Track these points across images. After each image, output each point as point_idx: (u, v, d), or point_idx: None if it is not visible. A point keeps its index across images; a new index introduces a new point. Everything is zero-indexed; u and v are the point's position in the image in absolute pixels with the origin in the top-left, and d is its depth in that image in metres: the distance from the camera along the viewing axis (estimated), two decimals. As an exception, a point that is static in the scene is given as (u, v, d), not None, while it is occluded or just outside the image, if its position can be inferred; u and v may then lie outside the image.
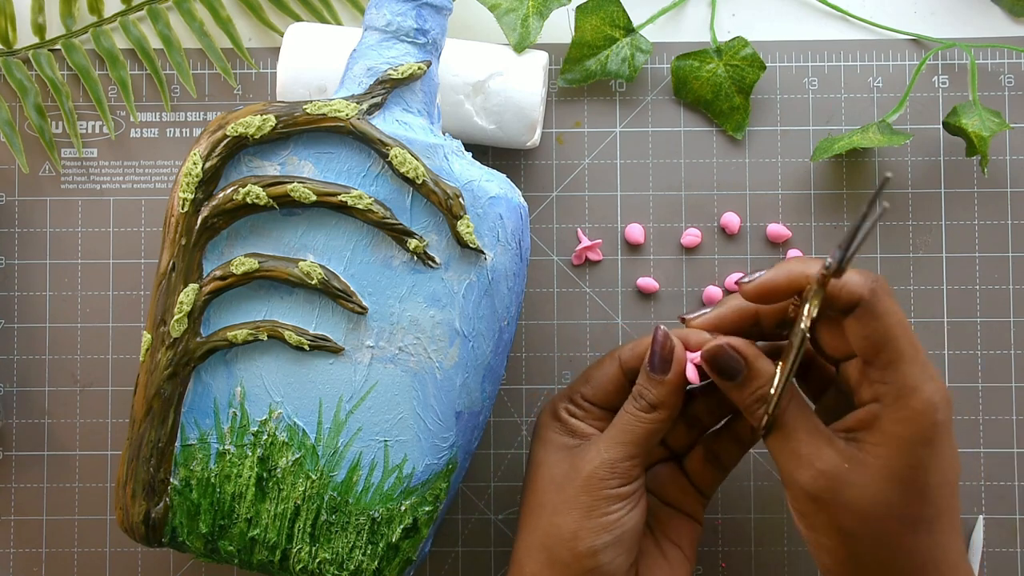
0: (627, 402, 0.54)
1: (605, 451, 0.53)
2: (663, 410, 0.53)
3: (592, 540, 0.53)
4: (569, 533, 0.53)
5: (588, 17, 0.63)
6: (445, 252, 0.54)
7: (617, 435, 0.53)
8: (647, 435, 0.53)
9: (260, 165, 0.54)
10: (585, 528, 0.53)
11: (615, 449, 0.53)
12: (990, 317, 0.64)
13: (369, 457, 0.54)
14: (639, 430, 0.53)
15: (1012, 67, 0.65)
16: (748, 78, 0.64)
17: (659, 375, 0.53)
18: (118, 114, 0.65)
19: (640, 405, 0.53)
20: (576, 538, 0.53)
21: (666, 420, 0.54)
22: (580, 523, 0.53)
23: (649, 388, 0.53)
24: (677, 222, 0.65)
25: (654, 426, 0.53)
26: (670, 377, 0.53)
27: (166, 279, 0.54)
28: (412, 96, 0.55)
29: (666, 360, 0.53)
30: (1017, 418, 0.64)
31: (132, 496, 0.55)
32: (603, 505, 0.53)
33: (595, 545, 0.53)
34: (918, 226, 0.65)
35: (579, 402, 0.56)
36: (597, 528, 0.53)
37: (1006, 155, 0.65)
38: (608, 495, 0.53)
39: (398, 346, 0.54)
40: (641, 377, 0.54)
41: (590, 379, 0.56)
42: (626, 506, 0.53)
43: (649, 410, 0.53)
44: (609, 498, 0.53)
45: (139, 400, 0.55)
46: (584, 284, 0.65)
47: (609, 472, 0.53)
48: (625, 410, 0.54)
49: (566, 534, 0.53)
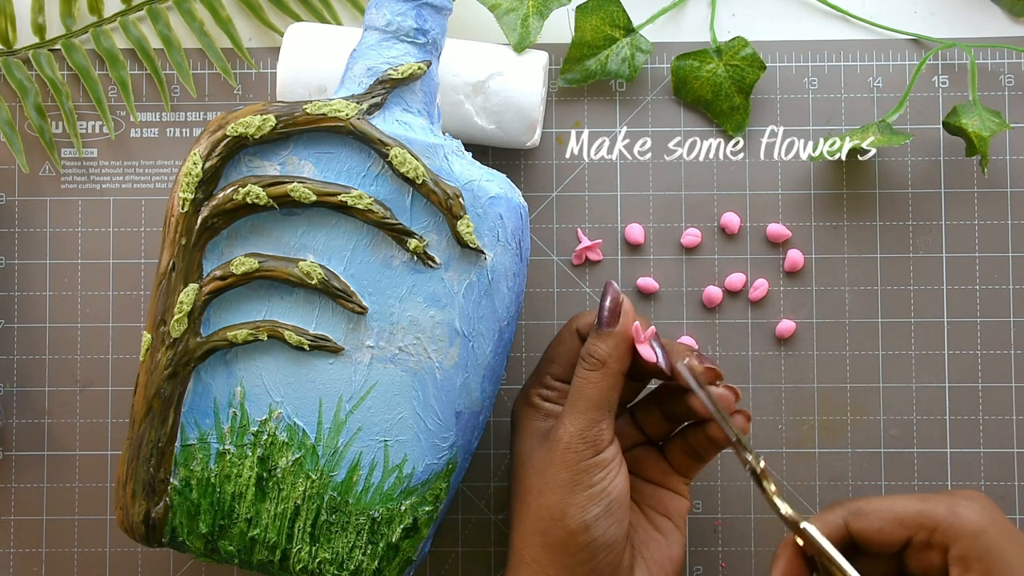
0: (577, 367, 0.54)
1: (570, 423, 0.53)
2: (613, 363, 0.53)
3: (582, 515, 0.52)
4: (558, 512, 0.53)
5: (588, 17, 0.63)
6: (445, 252, 0.54)
7: (575, 403, 0.53)
8: (602, 394, 0.53)
9: (260, 165, 0.54)
10: (572, 504, 0.53)
11: (578, 419, 0.53)
12: (990, 317, 0.64)
13: (369, 457, 0.54)
14: (593, 391, 0.53)
15: (1012, 67, 0.65)
16: (748, 78, 0.64)
17: (606, 328, 0.53)
18: (118, 114, 0.65)
19: (590, 364, 0.53)
20: (565, 515, 0.53)
21: (617, 374, 0.54)
22: (566, 500, 0.53)
23: (597, 344, 0.53)
24: (677, 222, 0.65)
25: (607, 382, 0.53)
26: (617, 329, 0.53)
27: (166, 279, 0.54)
28: (412, 96, 0.55)
29: (615, 314, 0.53)
30: (1017, 418, 0.64)
31: (132, 496, 0.55)
32: (584, 478, 0.53)
33: (585, 519, 0.52)
34: (918, 226, 0.65)
35: (550, 384, 0.56)
36: (583, 501, 0.53)
37: (1006, 155, 0.65)
38: (585, 466, 0.53)
39: (398, 346, 0.54)
40: (590, 338, 0.54)
41: (555, 358, 0.56)
42: (607, 474, 0.53)
43: (598, 366, 0.53)
44: (587, 469, 0.53)
45: (139, 400, 0.55)
46: (584, 284, 0.65)
47: (581, 442, 0.53)
48: (577, 376, 0.54)
49: (556, 513, 0.53)
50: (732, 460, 0.64)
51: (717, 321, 0.64)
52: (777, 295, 0.64)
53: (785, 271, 0.64)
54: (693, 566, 0.64)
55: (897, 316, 0.64)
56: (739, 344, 0.64)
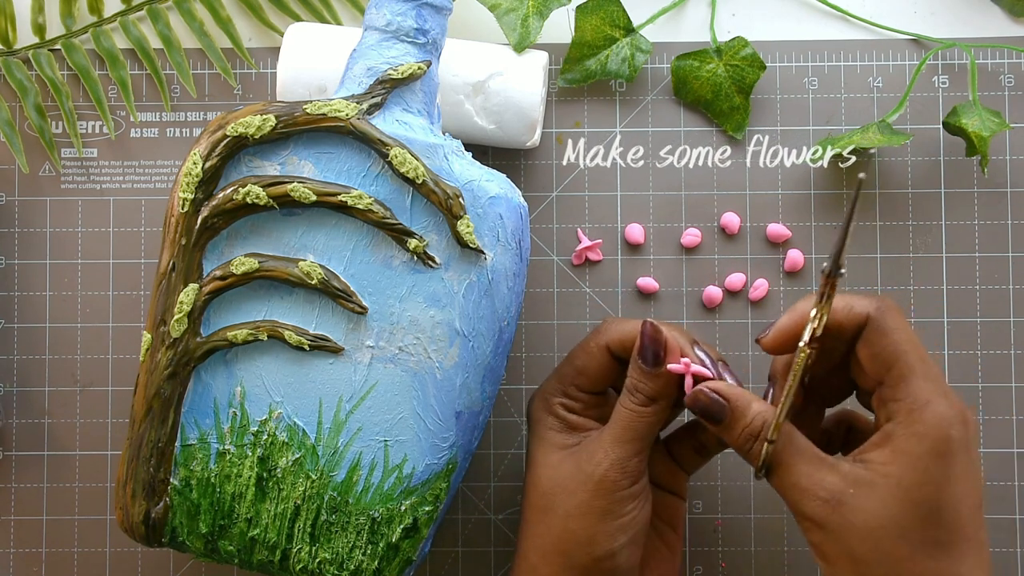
0: (623, 397, 0.54)
1: (612, 452, 0.53)
2: (662, 401, 0.53)
3: (610, 543, 0.52)
4: (586, 538, 0.52)
5: (588, 17, 0.63)
6: (445, 252, 0.54)
7: (620, 433, 0.53)
8: (648, 428, 0.53)
9: (260, 165, 0.54)
10: (602, 532, 0.52)
11: (621, 448, 0.53)
12: (990, 317, 0.64)
13: (369, 457, 0.54)
14: (641, 425, 0.53)
15: (1012, 67, 0.65)
16: (748, 78, 0.64)
17: (652, 368, 0.53)
18: (118, 114, 0.65)
19: (638, 400, 0.53)
20: (593, 543, 0.52)
21: (665, 409, 0.54)
22: (597, 527, 0.52)
23: (645, 382, 0.53)
24: (677, 222, 0.65)
25: (655, 418, 0.53)
26: (664, 369, 0.53)
27: (166, 279, 0.54)
28: (412, 96, 0.55)
29: (658, 354, 0.53)
30: (1017, 418, 0.64)
31: (132, 496, 0.55)
32: (617, 508, 0.53)
33: (613, 547, 0.52)
34: (918, 226, 0.65)
35: (575, 395, 0.56)
36: (614, 530, 0.52)
37: (1006, 155, 0.65)
38: (622, 496, 0.53)
39: (398, 346, 0.54)
40: (633, 371, 0.53)
41: (583, 371, 0.55)
42: (639, 504, 0.53)
43: (648, 403, 0.53)
44: (622, 500, 0.53)
45: (139, 400, 0.55)
46: (584, 284, 0.65)
47: (620, 473, 0.53)
48: (623, 406, 0.53)
49: (583, 539, 0.52)
50: (732, 460, 0.64)
51: (717, 321, 0.64)
52: (777, 295, 0.64)
53: (785, 271, 0.64)
54: (693, 566, 0.64)
55: (897, 316, 0.64)
56: (739, 344, 0.64)
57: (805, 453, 0.50)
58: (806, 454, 0.50)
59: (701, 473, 0.64)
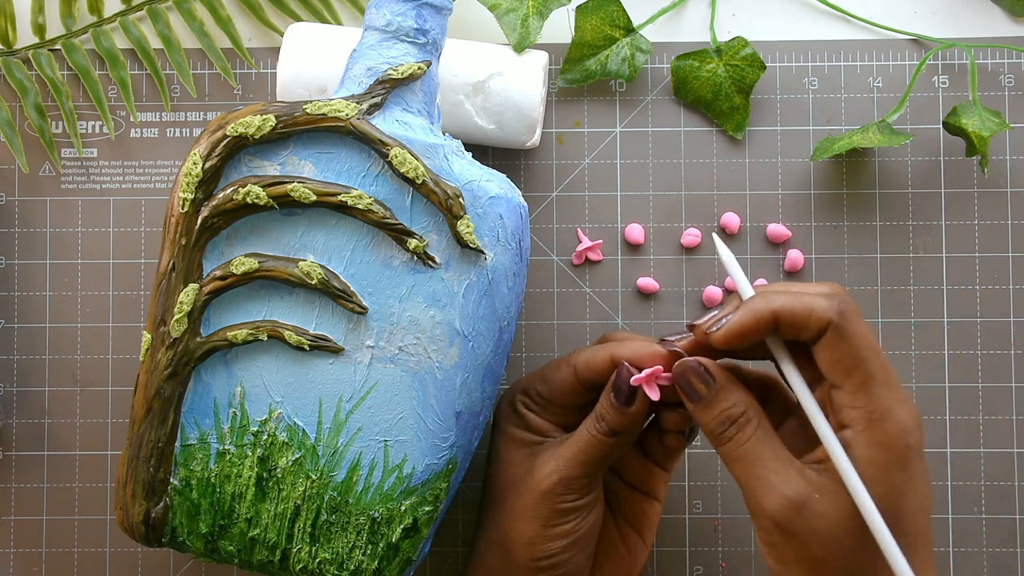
0: (588, 421, 0.54)
1: (564, 468, 0.53)
2: (624, 435, 0.54)
3: (549, 546, 0.54)
4: (527, 539, 0.54)
5: (588, 17, 0.63)
6: (445, 252, 0.54)
7: (576, 454, 0.54)
8: (604, 457, 0.54)
9: (260, 165, 0.54)
10: (541, 536, 0.54)
11: (573, 467, 0.53)
12: (990, 317, 0.64)
13: (369, 457, 0.54)
14: (598, 452, 0.54)
15: (1012, 67, 0.65)
16: (748, 78, 0.64)
17: (623, 407, 0.53)
18: (118, 114, 0.66)
19: (602, 428, 0.53)
20: (533, 544, 0.54)
21: (626, 443, 0.54)
22: (537, 532, 0.54)
23: (612, 415, 0.53)
24: (677, 222, 0.65)
25: (613, 450, 0.54)
26: (633, 409, 0.53)
27: (166, 279, 0.54)
28: (412, 96, 0.55)
29: (631, 395, 0.53)
30: (1017, 418, 0.64)
31: (132, 496, 0.55)
32: (559, 517, 0.54)
33: (551, 549, 0.54)
34: (918, 226, 0.65)
35: (534, 397, 0.56)
36: (553, 536, 0.54)
37: (1006, 155, 0.65)
38: (565, 508, 0.54)
39: (398, 346, 0.54)
40: (604, 401, 0.54)
41: (547, 380, 0.56)
42: (582, 514, 0.54)
43: (610, 435, 0.53)
44: (565, 512, 0.54)
45: (139, 400, 0.55)
46: (584, 284, 0.65)
47: (566, 488, 0.54)
48: (587, 430, 0.54)
49: (524, 539, 0.54)
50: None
51: (717, 321, 0.64)
52: (777, 295, 0.64)
53: (785, 271, 0.64)
54: (693, 566, 0.64)
55: (897, 316, 0.64)
56: (739, 344, 0.64)
57: (778, 450, 0.50)
58: (778, 452, 0.50)
59: (701, 473, 0.64)
